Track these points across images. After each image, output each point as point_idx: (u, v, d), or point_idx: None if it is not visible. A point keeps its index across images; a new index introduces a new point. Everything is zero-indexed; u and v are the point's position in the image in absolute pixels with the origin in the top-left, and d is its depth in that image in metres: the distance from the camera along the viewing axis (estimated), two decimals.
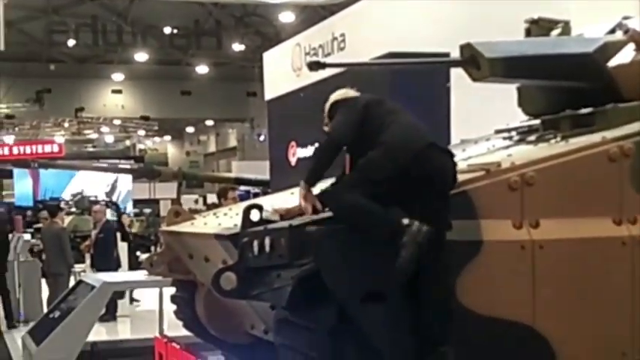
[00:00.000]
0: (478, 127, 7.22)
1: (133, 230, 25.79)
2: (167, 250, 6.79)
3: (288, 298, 4.44)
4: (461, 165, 5.08)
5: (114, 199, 33.87)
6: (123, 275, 12.83)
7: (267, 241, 4.66)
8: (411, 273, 4.44)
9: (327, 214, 4.71)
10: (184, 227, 6.47)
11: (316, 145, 5.01)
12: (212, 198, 28.47)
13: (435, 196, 4.62)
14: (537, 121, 6.07)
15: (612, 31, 6.19)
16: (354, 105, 4.97)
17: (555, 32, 6.64)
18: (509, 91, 6.75)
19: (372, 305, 4.48)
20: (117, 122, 48.56)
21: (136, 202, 35.94)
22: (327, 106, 5.15)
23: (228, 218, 6.03)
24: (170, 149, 57.47)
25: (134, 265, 16.46)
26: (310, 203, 4.82)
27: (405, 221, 4.48)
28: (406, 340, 4.53)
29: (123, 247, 17.07)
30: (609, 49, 5.90)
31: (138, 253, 16.70)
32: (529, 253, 4.75)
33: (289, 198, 6.20)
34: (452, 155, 4.84)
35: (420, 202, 4.59)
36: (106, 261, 14.59)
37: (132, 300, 15.78)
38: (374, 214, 4.56)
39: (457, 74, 7.32)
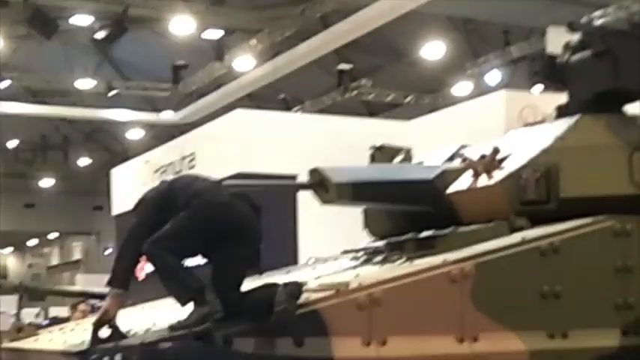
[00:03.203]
0: (326, 246, 7.44)
1: None
2: None
3: None
4: (311, 284, 5.22)
5: None
6: None
7: (117, 358, 4.64)
8: None
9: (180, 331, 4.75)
10: (28, 344, 6.32)
11: None
12: (55, 311, 27.48)
13: (242, 243, 4.86)
14: (382, 243, 6.29)
15: (451, 159, 6.49)
16: (145, 206, 5.10)
17: (398, 159, 6.96)
18: (355, 212, 7.00)
19: None
20: None
21: None
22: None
23: (75, 334, 5.93)
24: (10, 261, 55.70)
25: None
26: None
27: None
28: None
29: None
30: (448, 175, 6.18)
31: None
32: None
33: (140, 313, 6.17)
34: (251, 204, 5.05)
35: (226, 250, 4.83)
36: None
37: None
38: (180, 279, 4.76)
39: (305, 195, 7.55)
